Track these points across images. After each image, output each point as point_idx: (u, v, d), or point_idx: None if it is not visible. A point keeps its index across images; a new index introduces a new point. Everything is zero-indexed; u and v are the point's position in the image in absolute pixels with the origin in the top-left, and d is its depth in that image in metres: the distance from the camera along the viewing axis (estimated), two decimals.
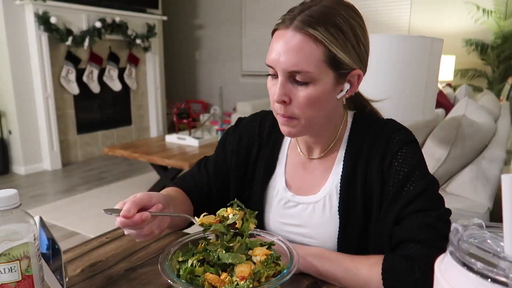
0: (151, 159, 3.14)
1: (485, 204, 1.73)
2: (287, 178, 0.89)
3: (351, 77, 0.75)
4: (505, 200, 0.32)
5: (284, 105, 0.74)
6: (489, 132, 1.95)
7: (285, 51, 0.70)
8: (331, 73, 0.72)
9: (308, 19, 0.69)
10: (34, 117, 4.22)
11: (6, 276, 0.57)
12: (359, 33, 0.73)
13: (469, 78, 4.58)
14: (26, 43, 4.06)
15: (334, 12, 0.70)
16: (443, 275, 0.34)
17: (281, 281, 0.62)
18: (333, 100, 0.76)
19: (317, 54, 0.70)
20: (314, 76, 0.71)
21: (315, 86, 0.72)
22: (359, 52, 0.74)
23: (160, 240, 0.93)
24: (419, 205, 0.73)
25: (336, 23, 0.70)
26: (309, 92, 0.72)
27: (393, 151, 0.77)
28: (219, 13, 6.20)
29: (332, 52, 0.70)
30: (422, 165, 0.78)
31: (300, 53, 0.69)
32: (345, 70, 0.73)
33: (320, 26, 0.69)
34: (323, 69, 0.71)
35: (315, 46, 0.69)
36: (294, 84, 0.73)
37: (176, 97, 6.66)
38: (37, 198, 3.48)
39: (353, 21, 0.72)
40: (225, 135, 0.98)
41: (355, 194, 0.79)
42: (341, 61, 0.71)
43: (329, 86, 0.73)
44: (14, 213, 0.58)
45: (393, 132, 0.79)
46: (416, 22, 4.74)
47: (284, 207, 0.87)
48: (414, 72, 1.36)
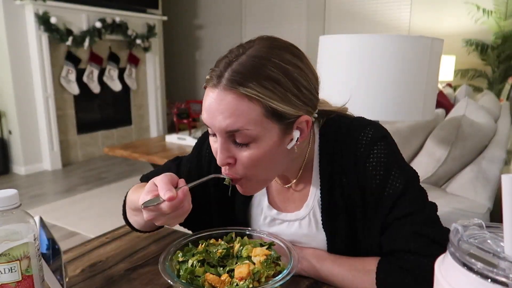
0: (151, 159, 3.14)
1: (485, 204, 1.73)
2: (269, 198, 0.85)
3: (299, 124, 0.68)
4: (505, 200, 0.32)
5: (229, 167, 0.68)
6: (489, 132, 1.95)
7: (218, 112, 0.63)
8: (275, 126, 0.65)
9: (237, 77, 0.62)
10: (34, 117, 4.22)
11: (6, 276, 0.57)
12: (298, 78, 0.65)
13: (469, 78, 4.58)
14: (26, 43, 4.07)
15: (264, 62, 0.63)
16: (443, 275, 0.34)
17: (281, 281, 0.62)
18: (283, 152, 0.69)
19: (254, 112, 0.62)
20: (255, 135, 0.64)
21: (257, 144, 0.65)
22: (302, 98, 0.66)
23: (160, 240, 0.93)
24: (403, 209, 0.70)
25: (269, 75, 0.62)
26: (252, 153, 0.65)
27: (364, 154, 0.72)
28: (219, 13, 6.20)
29: (271, 107, 0.63)
30: (397, 162, 0.73)
31: (235, 113, 0.62)
32: (290, 120, 0.66)
33: (250, 82, 0.61)
34: (264, 125, 0.64)
35: (250, 104, 0.62)
36: (235, 144, 0.66)
37: (176, 97, 6.66)
38: (37, 198, 3.48)
39: (289, 66, 0.64)
40: (202, 141, 0.90)
41: (336, 206, 0.76)
42: (283, 113, 0.64)
43: (274, 140, 0.66)
44: (14, 213, 0.58)
45: (359, 132, 0.74)
46: (416, 22, 4.74)
47: (270, 225, 0.84)
48: (414, 72, 1.36)
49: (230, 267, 0.67)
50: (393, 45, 1.33)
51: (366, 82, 1.35)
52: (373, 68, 1.35)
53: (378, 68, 1.35)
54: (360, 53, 1.35)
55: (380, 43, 1.34)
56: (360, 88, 1.35)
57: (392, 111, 1.36)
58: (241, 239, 0.73)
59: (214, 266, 0.68)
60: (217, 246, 0.72)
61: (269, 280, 0.63)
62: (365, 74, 1.36)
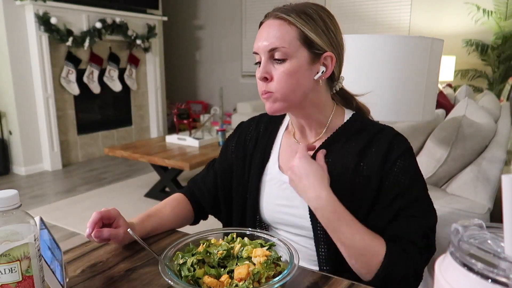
0: (151, 160, 3.14)
1: (485, 205, 1.73)
2: (280, 162, 0.96)
3: (325, 59, 0.84)
4: (505, 201, 0.32)
5: (265, 82, 0.84)
6: (489, 132, 1.95)
7: (266, 35, 0.83)
8: (305, 51, 0.82)
9: (284, 9, 0.83)
10: (35, 117, 4.22)
11: (7, 277, 0.57)
12: (328, 22, 0.84)
13: (469, 78, 4.58)
14: (26, 43, 4.07)
15: (306, 5, 0.84)
16: (444, 275, 0.34)
17: (281, 281, 0.62)
18: (309, 79, 0.84)
19: (291, 33, 0.81)
20: (289, 52, 0.81)
21: (291, 61, 0.82)
22: (329, 37, 0.84)
23: (160, 240, 0.93)
24: (416, 211, 0.81)
25: (307, 12, 0.82)
26: (286, 67, 0.82)
27: (394, 157, 0.83)
28: (219, 14, 6.20)
29: (304, 33, 0.81)
30: (419, 174, 0.86)
31: (277, 33, 0.81)
32: (318, 51, 0.83)
33: (292, 13, 0.82)
34: (297, 47, 0.81)
35: (289, 27, 0.81)
36: (274, 63, 0.83)
37: (176, 98, 6.66)
38: (37, 199, 3.48)
39: (322, 13, 0.84)
40: (228, 137, 1.09)
41: (345, 179, 0.84)
42: (312, 41, 0.82)
43: (304, 63, 0.82)
44: (15, 213, 0.58)
45: (393, 137, 0.86)
46: (416, 22, 4.74)
47: (279, 189, 0.93)
48: (414, 72, 1.36)
49: (230, 268, 0.67)
50: (393, 46, 1.34)
51: (366, 83, 1.35)
52: (373, 69, 1.35)
53: (378, 68, 1.35)
54: (360, 54, 1.35)
55: (380, 44, 1.34)
56: (360, 89, 1.35)
57: (392, 111, 1.36)
58: (241, 240, 0.74)
59: (214, 267, 0.68)
60: (218, 247, 0.72)
61: (269, 281, 0.63)
62: (365, 74, 1.36)
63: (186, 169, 2.97)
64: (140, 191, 3.60)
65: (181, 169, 3.07)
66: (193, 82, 6.72)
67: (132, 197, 3.49)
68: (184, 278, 0.64)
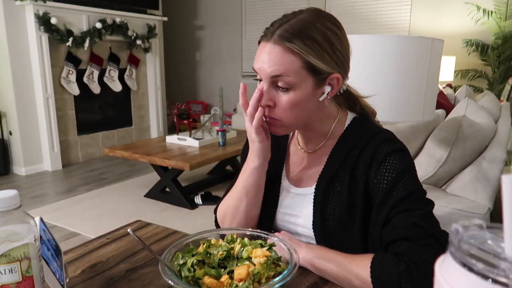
0: (151, 160, 3.14)
1: (486, 205, 1.73)
2: (286, 170, 0.95)
3: (331, 80, 0.81)
4: (505, 201, 0.32)
5: (269, 109, 0.82)
6: (489, 132, 1.95)
7: (268, 60, 0.78)
8: (310, 78, 0.79)
9: (285, 34, 0.77)
10: (35, 118, 4.22)
11: (7, 277, 0.57)
12: (334, 42, 0.79)
13: (469, 78, 4.58)
14: (26, 44, 4.07)
15: (309, 26, 0.77)
16: (444, 275, 0.34)
17: (281, 282, 0.62)
18: (314, 102, 0.82)
19: (295, 63, 0.77)
20: (294, 82, 0.78)
21: (295, 92, 0.79)
22: (335, 58, 0.79)
23: (160, 240, 0.93)
24: (405, 206, 0.76)
25: (312, 36, 0.77)
26: (291, 97, 0.79)
27: (379, 158, 0.81)
28: (219, 14, 6.21)
29: (309, 62, 0.77)
30: (410, 172, 0.81)
31: (280, 61, 0.77)
32: (323, 75, 0.79)
33: (296, 39, 0.76)
34: (302, 76, 0.78)
35: (293, 57, 0.77)
36: (277, 90, 0.80)
37: (176, 98, 6.66)
38: (37, 199, 3.48)
39: (328, 32, 0.78)
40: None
41: (341, 188, 0.84)
42: (318, 68, 0.78)
43: (309, 90, 0.79)
44: (15, 214, 0.58)
45: (381, 143, 0.83)
46: (417, 22, 4.75)
47: (285, 197, 0.93)
48: (415, 72, 1.36)
49: (230, 268, 0.67)
50: (393, 46, 1.34)
51: (366, 83, 1.35)
52: (373, 69, 1.35)
53: (378, 68, 1.35)
54: (360, 54, 1.35)
55: (380, 44, 1.34)
56: (360, 89, 1.35)
57: (393, 111, 1.36)
58: (241, 240, 0.74)
59: (214, 267, 0.68)
60: (218, 248, 0.72)
61: (269, 281, 0.63)
62: (365, 74, 1.36)
63: (186, 169, 2.97)
64: (140, 191, 3.60)
65: (181, 169, 3.07)
66: (193, 82, 6.73)
67: (132, 197, 3.49)
68: (184, 278, 0.64)
